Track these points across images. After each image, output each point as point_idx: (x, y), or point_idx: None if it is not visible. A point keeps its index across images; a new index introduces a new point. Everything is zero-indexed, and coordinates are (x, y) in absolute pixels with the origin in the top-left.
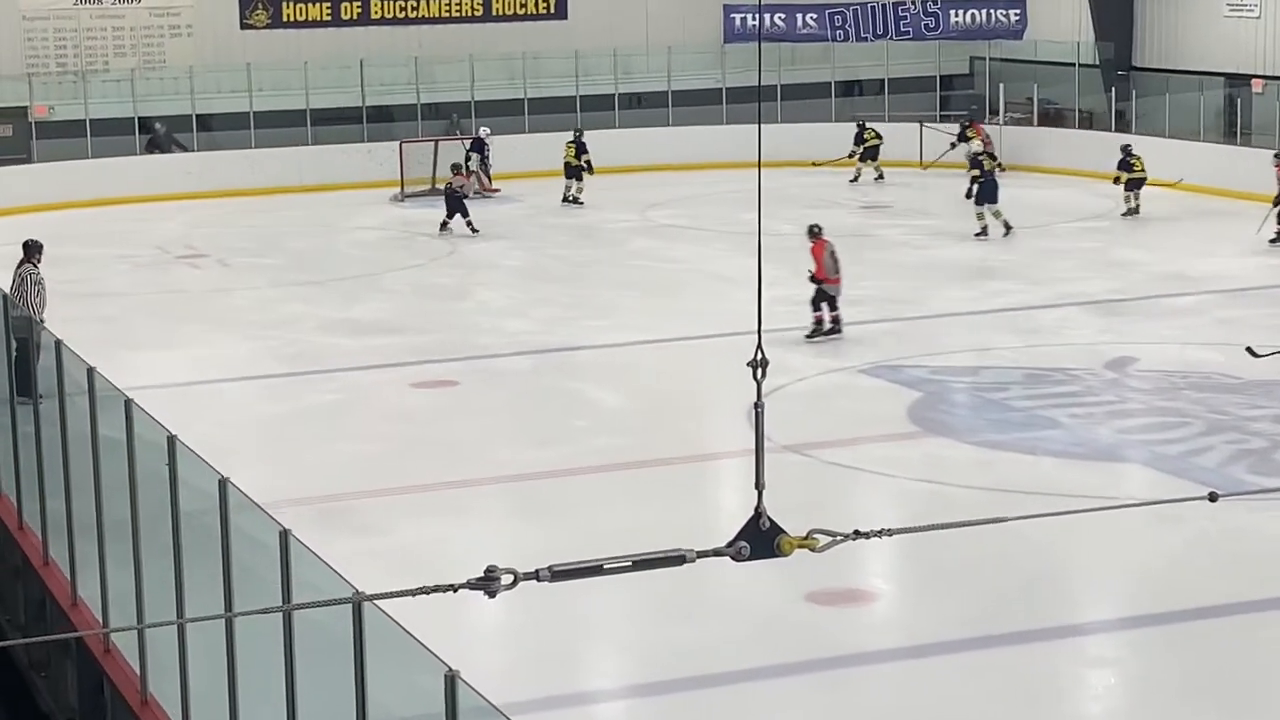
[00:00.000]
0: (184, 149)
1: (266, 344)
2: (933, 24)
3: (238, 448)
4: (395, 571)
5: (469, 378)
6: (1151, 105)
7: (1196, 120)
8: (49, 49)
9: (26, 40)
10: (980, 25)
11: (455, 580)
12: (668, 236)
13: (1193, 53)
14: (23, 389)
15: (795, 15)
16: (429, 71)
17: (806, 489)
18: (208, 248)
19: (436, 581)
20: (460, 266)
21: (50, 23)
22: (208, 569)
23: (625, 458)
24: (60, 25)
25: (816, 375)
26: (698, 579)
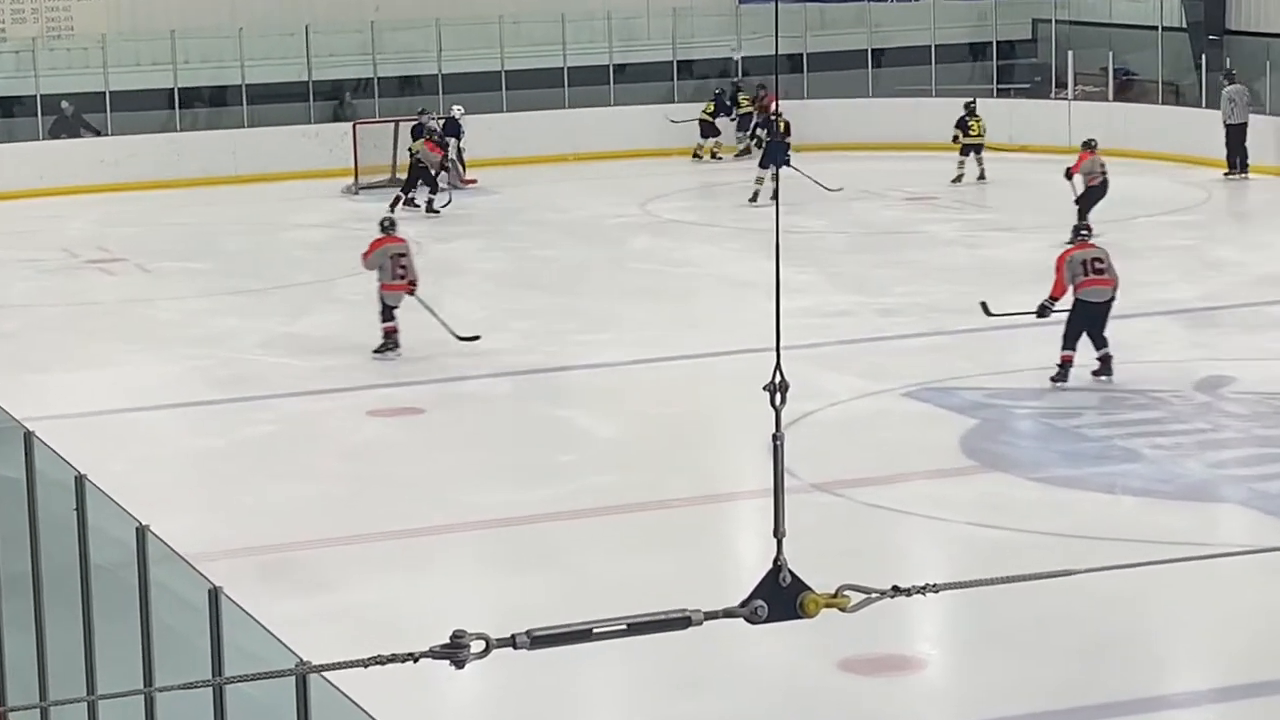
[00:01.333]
0: (96, 133)
1: (196, 365)
2: None
3: (161, 489)
4: (348, 636)
5: (436, 404)
6: (1249, 76)
7: None
8: None
9: None
10: None
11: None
12: (674, 234)
13: None
14: None
15: None
16: (387, 40)
17: (838, 535)
18: (125, 250)
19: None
20: (427, 272)
21: None
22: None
23: (622, 499)
24: None
25: (851, 399)
26: (707, 645)
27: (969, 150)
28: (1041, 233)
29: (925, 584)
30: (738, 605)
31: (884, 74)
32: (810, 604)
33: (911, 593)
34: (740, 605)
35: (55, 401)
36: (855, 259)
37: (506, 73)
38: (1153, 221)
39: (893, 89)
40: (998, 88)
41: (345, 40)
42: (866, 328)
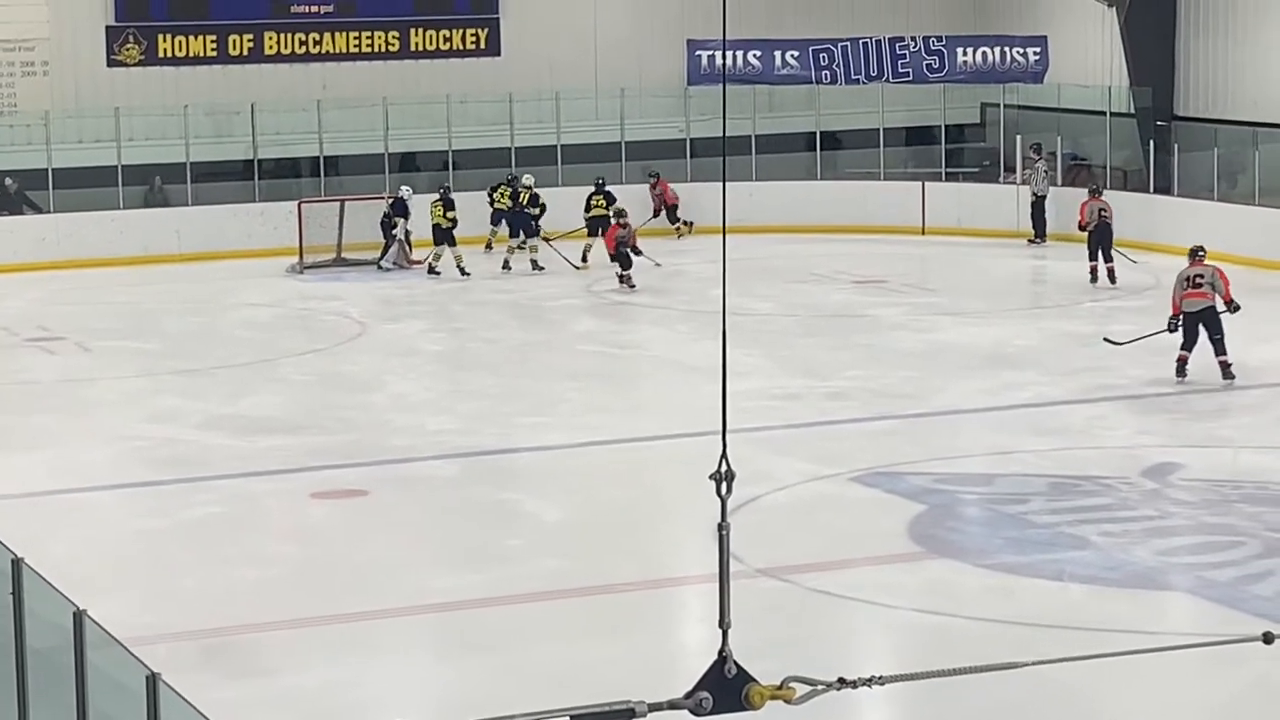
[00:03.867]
0: (37, 209)
1: (136, 445)
2: (936, 64)
3: (100, 572)
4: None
5: (381, 486)
6: (1197, 161)
7: (1251, 180)
8: None
9: None
10: (993, 66)
11: None
12: (621, 316)
13: (1245, 99)
14: None
15: (773, 53)
16: (334, 119)
17: (784, 623)
18: (64, 328)
19: None
20: (370, 352)
21: None
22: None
23: (568, 583)
24: None
25: (799, 483)
26: None
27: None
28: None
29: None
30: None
31: (832, 156)
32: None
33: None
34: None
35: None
36: (804, 342)
37: (454, 152)
38: (1100, 305)
39: (841, 172)
40: (946, 171)
41: (291, 119)
42: (814, 411)
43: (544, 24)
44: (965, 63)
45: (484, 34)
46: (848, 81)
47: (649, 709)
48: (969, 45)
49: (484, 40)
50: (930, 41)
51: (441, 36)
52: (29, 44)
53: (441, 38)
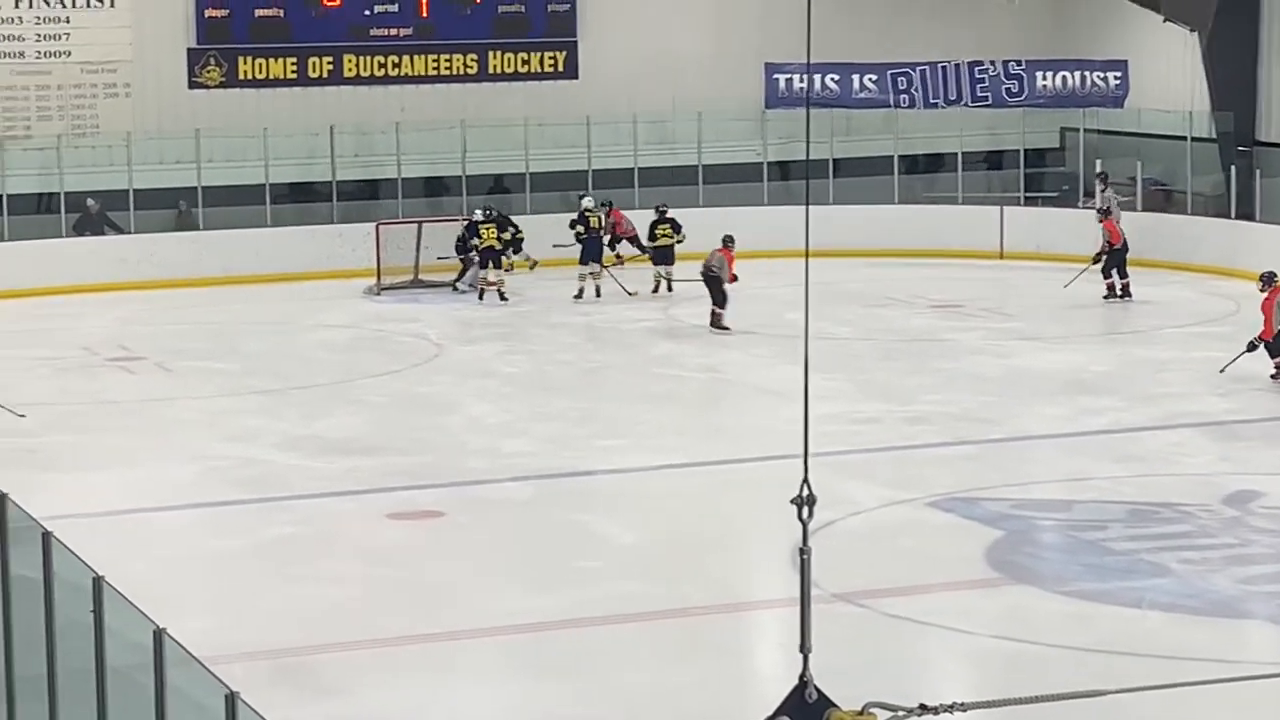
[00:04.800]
0: (119, 230)
1: (214, 465)
2: (1016, 89)
3: (178, 591)
4: None
5: (456, 508)
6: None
7: None
8: None
9: None
10: (1073, 91)
11: None
12: (698, 339)
13: None
14: None
15: (851, 77)
16: (413, 141)
17: (862, 648)
18: (145, 349)
19: None
20: (447, 374)
21: None
22: None
23: (643, 607)
24: None
25: (876, 508)
26: None
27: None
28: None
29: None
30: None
31: (910, 180)
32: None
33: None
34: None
35: (73, 501)
36: (882, 366)
37: (531, 174)
38: (1180, 332)
39: (919, 196)
40: (1025, 196)
41: (370, 141)
42: (892, 436)
43: (622, 47)
44: (1045, 87)
45: (562, 57)
46: (926, 105)
47: None
48: (1049, 69)
49: (562, 63)
50: (1009, 65)
51: (520, 59)
52: (111, 66)
53: (520, 60)
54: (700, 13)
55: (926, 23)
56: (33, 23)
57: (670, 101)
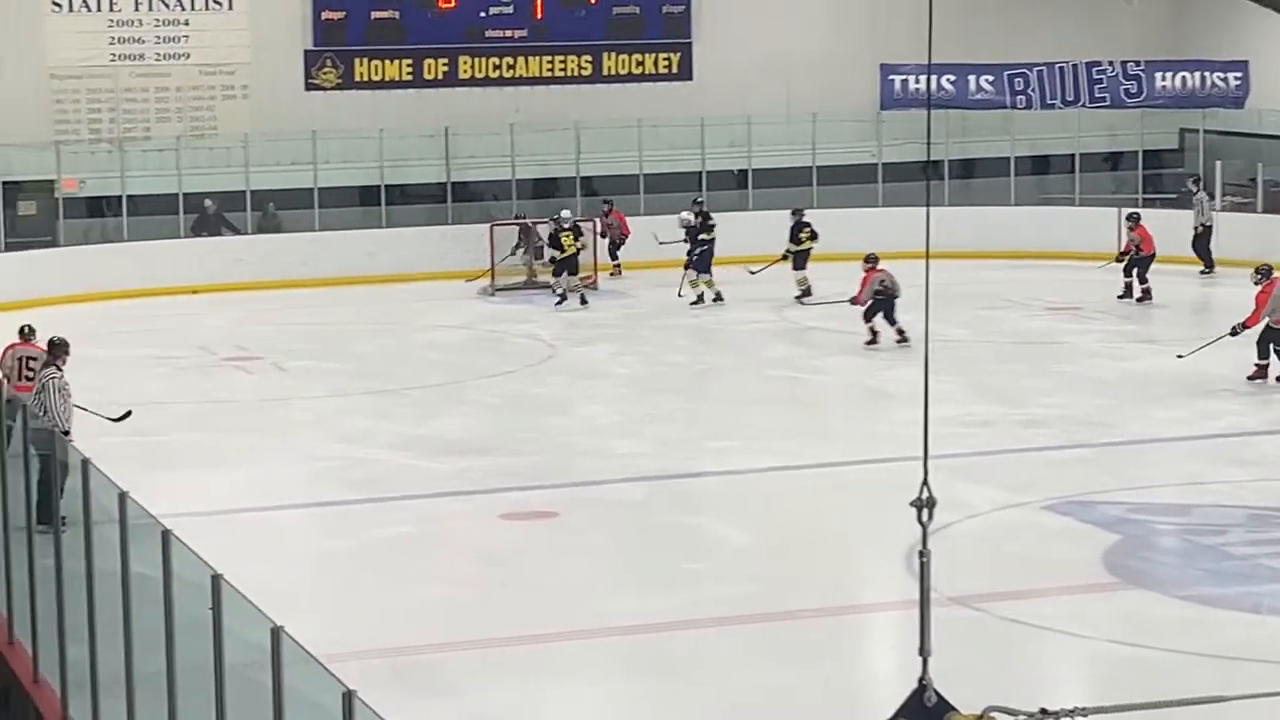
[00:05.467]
0: (235, 231)
1: (328, 465)
2: (1134, 89)
3: (293, 589)
4: None
5: (569, 509)
6: None
7: None
8: (80, 113)
9: (55, 103)
10: (1193, 91)
11: None
12: (811, 342)
13: None
14: (43, 515)
15: (967, 78)
16: (527, 142)
17: (978, 652)
18: (261, 349)
19: None
20: (561, 374)
21: (83, 82)
22: None
23: (755, 609)
24: (94, 85)
25: (991, 511)
26: None
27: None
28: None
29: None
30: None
31: (1026, 182)
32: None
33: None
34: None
35: (190, 499)
36: (997, 369)
37: (644, 175)
38: None
39: (1036, 197)
40: (1143, 197)
41: (485, 142)
42: (1008, 439)
43: (736, 48)
44: (1164, 87)
45: (676, 58)
46: (1043, 106)
47: None
48: (1168, 70)
49: (676, 64)
50: (1128, 66)
51: (634, 61)
52: (229, 68)
53: (634, 62)
54: (814, 14)
55: (1044, 23)
56: (152, 25)
57: (784, 103)
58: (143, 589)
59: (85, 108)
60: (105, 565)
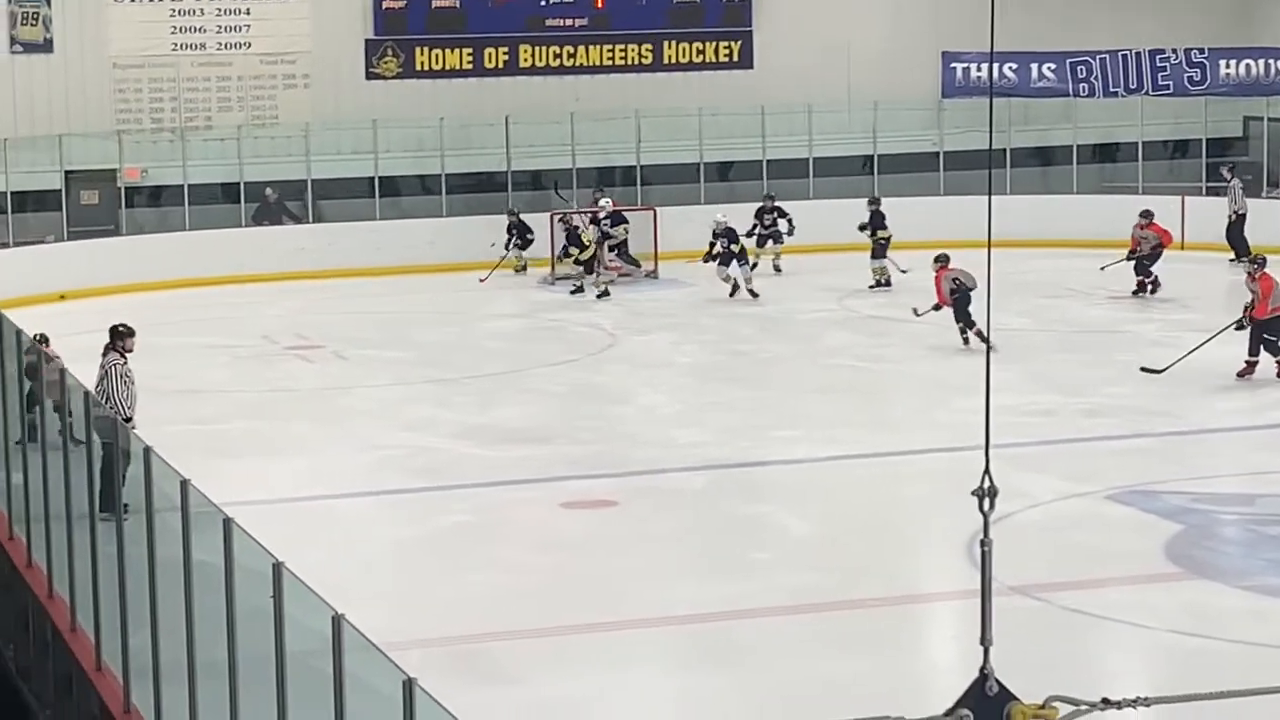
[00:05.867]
0: (297, 220)
1: (390, 453)
2: (1198, 77)
3: (354, 578)
4: None
5: (630, 497)
6: None
7: None
8: (142, 102)
9: (117, 92)
10: (1257, 79)
11: None
12: (872, 330)
13: None
14: (105, 503)
15: (1029, 66)
16: (587, 131)
17: (1038, 642)
18: (322, 337)
19: None
20: (622, 363)
21: (145, 71)
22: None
23: (817, 598)
24: (156, 75)
25: (1053, 500)
26: None
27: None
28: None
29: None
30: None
31: (1089, 170)
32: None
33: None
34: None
35: (251, 488)
36: (1059, 358)
37: (704, 164)
38: None
39: (1098, 186)
40: (1207, 186)
41: (544, 131)
42: (1069, 428)
43: (797, 37)
44: (1228, 75)
45: (736, 46)
46: (1106, 94)
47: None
48: (1232, 57)
49: (736, 53)
50: (1192, 54)
51: (694, 49)
52: (290, 57)
53: (694, 50)
54: (875, 2)
55: (1107, 10)
56: (214, 15)
57: (845, 91)
58: (204, 577)
59: (147, 97)
60: (167, 553)
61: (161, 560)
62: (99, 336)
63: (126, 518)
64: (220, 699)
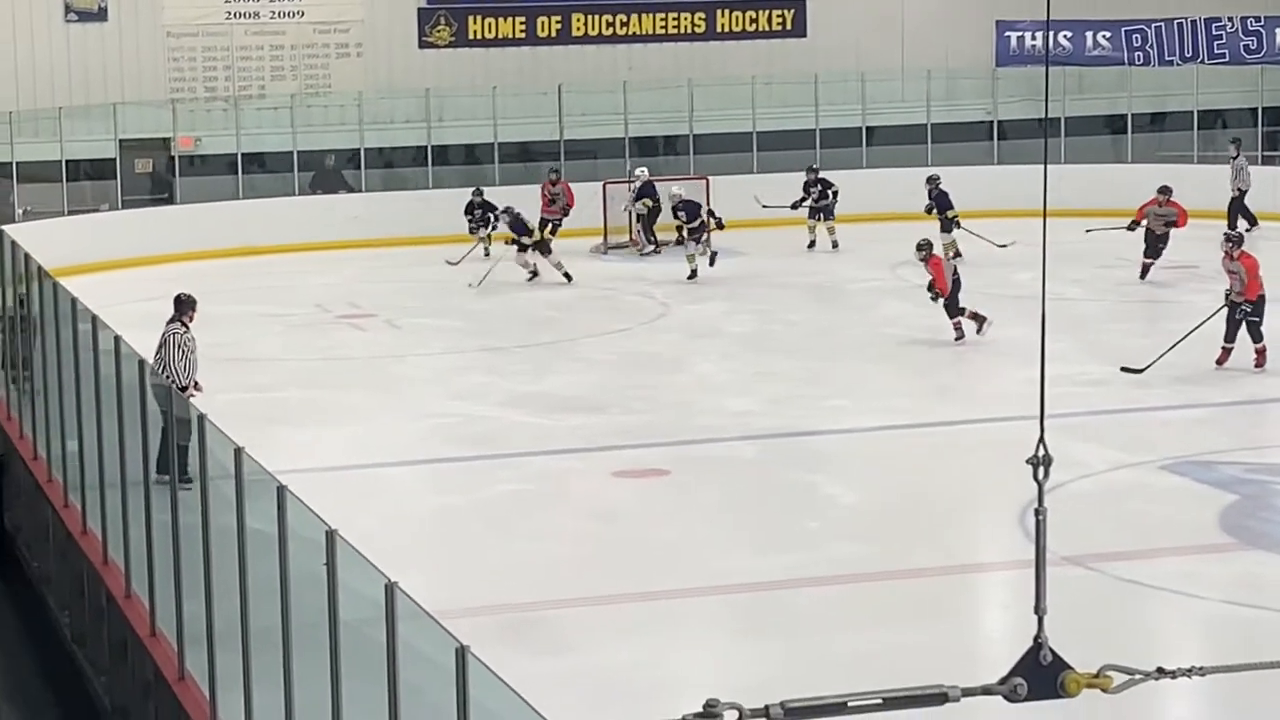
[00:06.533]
0: (350, 189)
1: (442, 422)
2: (1254, 45)
3: (406, 546)
4: (591, 699)
5: (682, 466)
6: None
7: None
8: (196, 71)
9: (171, 61)
10: None
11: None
12: (924, 300)
13: None
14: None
15: (1084, 34)
16: (640, 100)
17: (1091, 612)
18: (374, 306)
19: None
20: (673, 332)
21: (198, 40)
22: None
23: (868, 568)
24: (210, 43)
25: (1106, 470)
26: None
27: None
28: None
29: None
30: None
31: (1144, 139)
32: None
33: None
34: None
35: (304, 455)
36: (1112, 327)
37: (758, 134)
38: None
39: (1153, 155)
40: (1263, 154)
41: (597, 100)
42: (1122, 398)
43: (850, 5)
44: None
45: (790, 15)
46: (1161, 63)
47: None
48: None
49: (790, 21)
50: (1248, 22)
51: (747, 18)
52: (344, 26)
53: (747, 19)
54: None
55: None
56: None
57: (898, 60)
58: (258, 544)
59: (201, 66)
60: (221, 521)
61: (215, 527)
62: (152, 305)
63: (190, 487)
64: (274, 666)
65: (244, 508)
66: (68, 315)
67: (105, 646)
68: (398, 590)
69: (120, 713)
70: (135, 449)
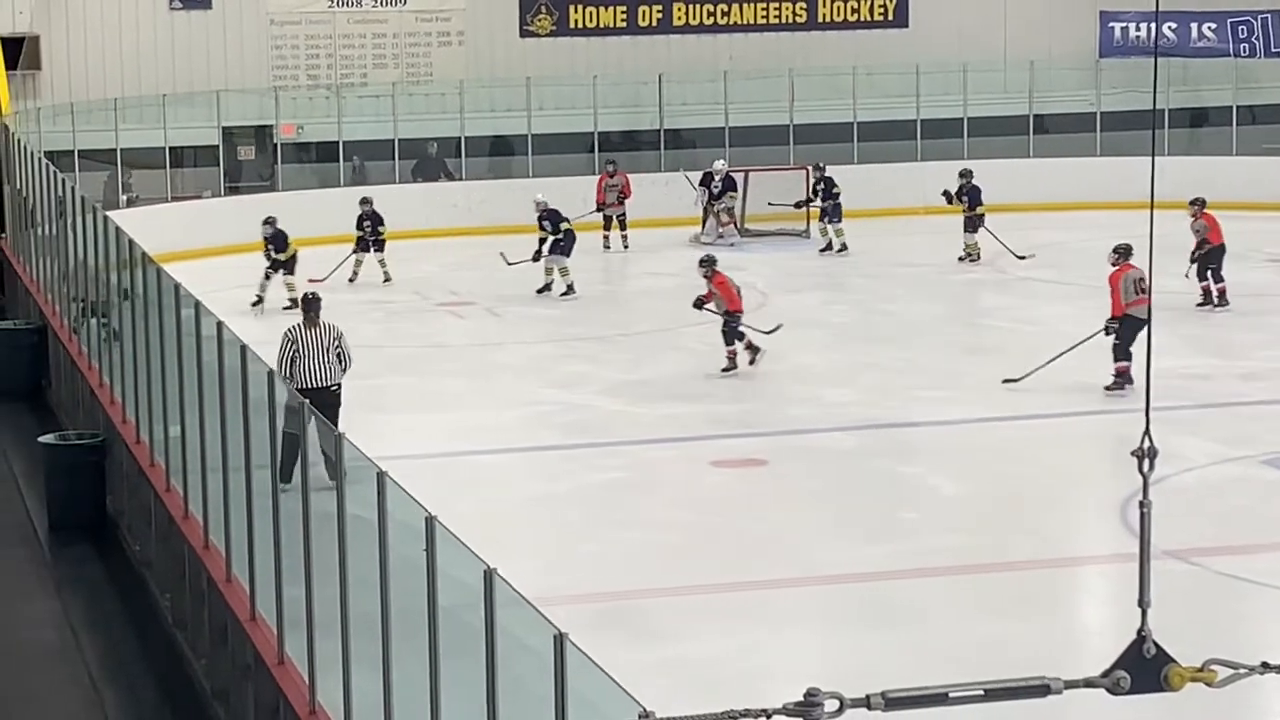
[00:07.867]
0: (451, 177)
1: (540, 409)
2: None
3: (503, 533)
4: (688, 687)
5: (780, 456)
6: None
7: None
8: (299, 58)
9: (274, 49)
10: None
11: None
12: (1025, 292)
13: None
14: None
15: (1189, 25)
16: (740, 89)
17: (1192, 606)
18: (474, 294)
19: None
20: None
21: (301, 28)
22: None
23: (968, 559)
24: (312, 31)
25: (1208, 465)
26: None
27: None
28: None
29: None
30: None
31: (1250, 132)
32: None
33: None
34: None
35: (403, 442)
36: (1215, 320)
37: (858, 124)
38: None
39: (1258, 147)
40: None
41: (698, 90)
42: (1225, 392)
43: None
44: None
45: (891, 5)
46: (1268, 54)
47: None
48: None
49: (891, 11)
50: None
51: (849, 7)
52: (445, 14)
53: (849, 9)
54: None
55: None
56: None
57: (1001, 50)
58: (358, 530)
59: (303, 54)
60: (321, 506)
61: (316, 513)
62: (252, 292)
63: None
64: (373, 650)
65: (344, 493)
66: (171, 301)
67: (206, 630)
68: (497, 576)
69: (220, 696)
70: (236, 435)
